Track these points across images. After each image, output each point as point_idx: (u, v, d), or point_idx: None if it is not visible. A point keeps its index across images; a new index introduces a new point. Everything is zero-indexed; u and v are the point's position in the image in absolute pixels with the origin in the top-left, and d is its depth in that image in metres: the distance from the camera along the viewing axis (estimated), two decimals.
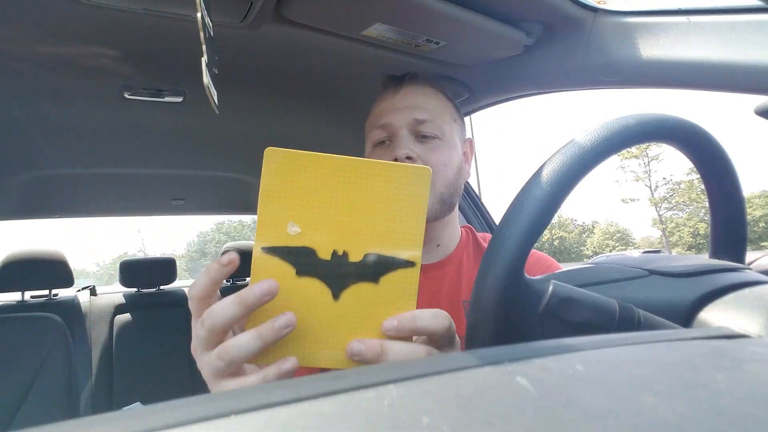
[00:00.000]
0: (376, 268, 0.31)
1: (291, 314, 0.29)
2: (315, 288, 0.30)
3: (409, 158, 0.65)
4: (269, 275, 0.29)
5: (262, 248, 0.29)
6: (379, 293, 0.31)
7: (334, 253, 0.30)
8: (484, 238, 0.80)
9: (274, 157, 0.29)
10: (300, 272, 0.30)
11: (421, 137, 0.68)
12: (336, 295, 0.31)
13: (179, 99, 0.97)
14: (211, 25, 0.33)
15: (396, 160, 0.65)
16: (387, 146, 0.70)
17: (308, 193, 0.30)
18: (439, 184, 0.67)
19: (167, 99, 0.97)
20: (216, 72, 0.34)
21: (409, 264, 0.32)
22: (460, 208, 1.29)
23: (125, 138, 1.17)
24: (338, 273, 0.30)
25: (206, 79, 0.34)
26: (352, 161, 0.30)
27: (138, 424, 0.15)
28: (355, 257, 0.31)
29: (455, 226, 0.77)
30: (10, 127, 1.03)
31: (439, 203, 0.68)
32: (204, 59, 0.33)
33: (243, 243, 2.23)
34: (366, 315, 0.31)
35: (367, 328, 0.31)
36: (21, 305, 1.74)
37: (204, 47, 0.33)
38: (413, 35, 0.75)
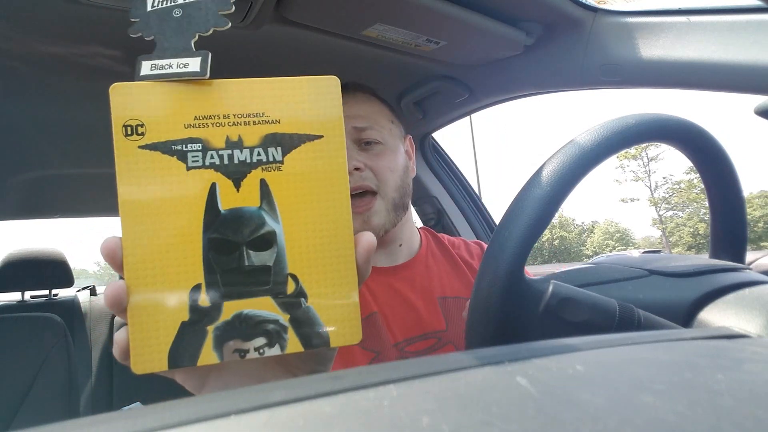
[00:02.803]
0: (278, 148, 0.28)
1: (118, 285, 0.26)
2: (211, 181, 0.27)
3: (357, 169, 0.66)
4: (151, 174, 0.26)
5: (140, 146, 0.26)
6: (288, 175, 0.28)
7: (227, 140, 0.27)
8: (442, 237, 0.81)
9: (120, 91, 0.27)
10: (190, 166, 0.27)
11: (364, 144, 0.68)
12: (237, 185, 0.27)
13: None
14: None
15: None
16: None
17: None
18: (389, 190, 0.68)
19: None
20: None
21: (313, 137, 0.28)
22: (459, 208, 1.29)
23: None
24: (235, 160, 0.27)
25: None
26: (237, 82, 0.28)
27: (138, 424, 0.15)
28: (251, 141, 0.28)
29: (412, 224, 0.78)
30: (10, 127, 1.03)
31: (394, 210, 0.69)
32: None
33: None
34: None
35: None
36: (21, 305, 1.74)
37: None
38: (413, 35, 0.75)
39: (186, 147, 0.27)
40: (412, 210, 0.84)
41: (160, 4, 0.31)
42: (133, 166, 0.26)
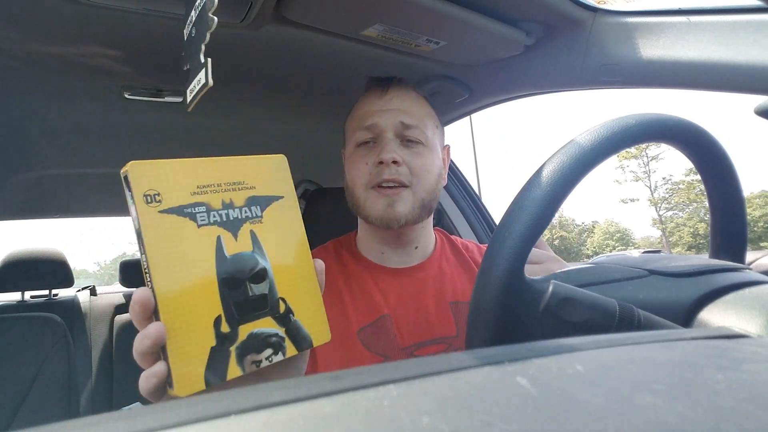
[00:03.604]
0: (257, 206, 0.37)
1: (159, 325, 0.31)
2: (216, 234, 0.35)
3: (395, 162, 0.66)
4: (171, 233, 0.32)
5: (159, 211, 0.32)
6: (267, 226, 0.37)
7: (223, 202, 0.35)
8: (455, 239, 0.81)
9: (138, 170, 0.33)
10: (200, 224, 0.34)
11: (407, 141, 0.68)
12: (235, 236, 0.35)
13: (179, 99, 0.97)
14: (211, 24, 0.34)
15: (381, 163, 0.66)
16: (371, 147, 0.69)
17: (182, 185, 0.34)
18: (421, 189, 0.68)
19: (167, 99, 0.97)
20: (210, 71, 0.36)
21: (278, 198, 0.38)
22: (460, 208, 1.29)
23: (125, 138, 1.16)
24: (231, 217, 0.35)
25: (207, 80, 0.34)
26: (209, 162, 0.35)
27: (138, 424, 0.15)
28: (239, 202, 0.36)
29: (431, 229, 0.77)
30: (10, 127, 1.03)
31: (420, 208, 0.68)
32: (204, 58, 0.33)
33: None
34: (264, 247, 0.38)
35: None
36: (21, 305, 1.74)
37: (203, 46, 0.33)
38: (413, 35, 0.75)
39: (194, 210, 0.34)
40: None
41: (187, 29, 0.34)
42: (156, 227, 0.32)
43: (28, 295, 1.82)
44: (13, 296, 1.79)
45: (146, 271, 0.32)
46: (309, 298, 0.38)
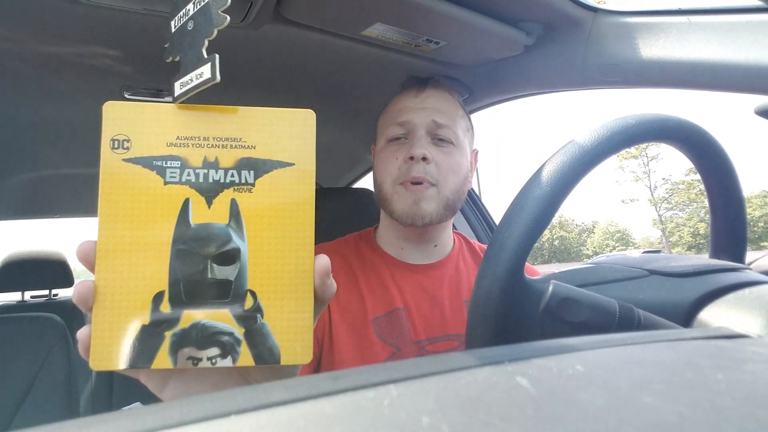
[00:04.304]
0: (251, 171, 0.30)
1: (86, 283, 0.28)
2: (185, 196, 0.29)
3: (424, 159, 0.66)
4: (131, 185, 0.28)
5: (124, 159, 0.28)
6: (257, 197, 0.30)
7: (205, 160, 0.29)
8: (474, 242, 0.82)
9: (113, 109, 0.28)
10: (167, 181, 0.28)
11: (438, 140, 0.69)
12: (209, 202, 0.29)
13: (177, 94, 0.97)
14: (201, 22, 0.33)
15: (412, 158, 0.67)
16: (402, 143, 0.70)
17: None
18: (447, 188, 0.68)
19: (167, 99, 0.97)
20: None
21: (284, 164, 0.30)
22: (460, 208, 1.29)
23: None
24: (210, 179, 0.29)
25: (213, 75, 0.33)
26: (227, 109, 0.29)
27: (138, 424, 0.15)
28: (226, 162, 0.29)
29: (450, 229, 0.78)
30: (10, 127, 1.03)
31: (445, 207, 0.69)
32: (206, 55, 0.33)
33: None
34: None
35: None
36: (21, 305, 1.74)
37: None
38: (413, 35, 0.75)
39: (166, 163, 0.29)
40: None
41: (179, 21, 0.32)
42: (116, 176, 0.28)
43: (28, 295, 1.82)
44: (13, 296, 1.79)
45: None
46: (293, 303, 0.29)
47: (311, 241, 0.30)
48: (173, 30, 0.32)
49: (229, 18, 0.29)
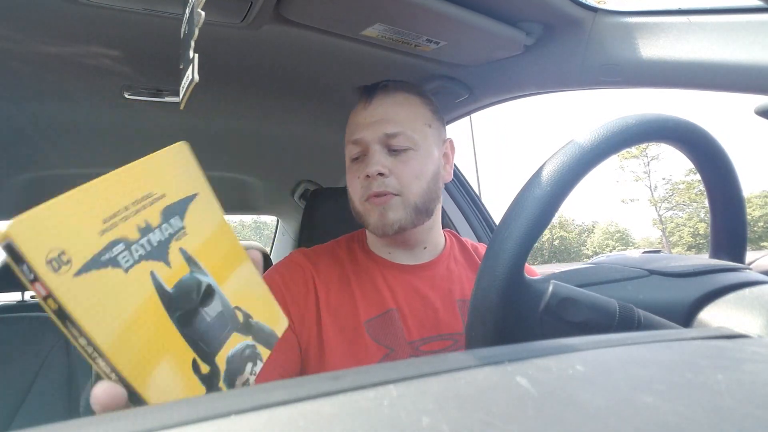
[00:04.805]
0: (175, 216, 0.31)
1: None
2: (148, 271, 0.28)
3: (380, 174, 0.66)
4: (98, 292, 0.26)
5: (75, 275, 0.25)
6: (192, 235, 0.32)
7: (139, 228, 0.29)
8: (466, 241, 0.82)
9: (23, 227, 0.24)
10: (126, 267, 0.27)
11: (393, 151, 0.68)
12: (167, 263, 0.30)
13: (180, 99, 0.97)
14: (197, 22, 0.33)
15: (368, 176, 0.67)
16: (361, 161, 0.70)
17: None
18: (412, 195, 0.68)
19: (167, 99, 0.97)
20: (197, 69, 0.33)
21: (192, 197, 0.33)
22: (460, 209, 1.29)
23: (125, 138, 1.17)
24: (154, 243, 0.29)
25: (193, 75, 0.33)
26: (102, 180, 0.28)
27: (138, 424, 0.15)
28: (155, 221, 0.30)
29: (439, 229, 0.78)
30: (10, 127, 1.03)
31: (414, 212, 0.68)
32: (194, 56, 0.32)
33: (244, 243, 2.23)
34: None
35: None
36: (21, 305, 1.74)
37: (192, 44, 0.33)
38: (413, 35, 0.75)
39: (113, 253, 0.27)
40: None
41: (182, 28, 0.32)
42: (78, 294, 0.25)
43: (28, 295, 1.82)
44: (13, 296, 1.79)
45: (90, 354, 0.26)
46: (257, 293, 0.36)
47: (237, 242, 0.35)
48: (182, 37, 0.33)
49: (203, 14, 0.29)
